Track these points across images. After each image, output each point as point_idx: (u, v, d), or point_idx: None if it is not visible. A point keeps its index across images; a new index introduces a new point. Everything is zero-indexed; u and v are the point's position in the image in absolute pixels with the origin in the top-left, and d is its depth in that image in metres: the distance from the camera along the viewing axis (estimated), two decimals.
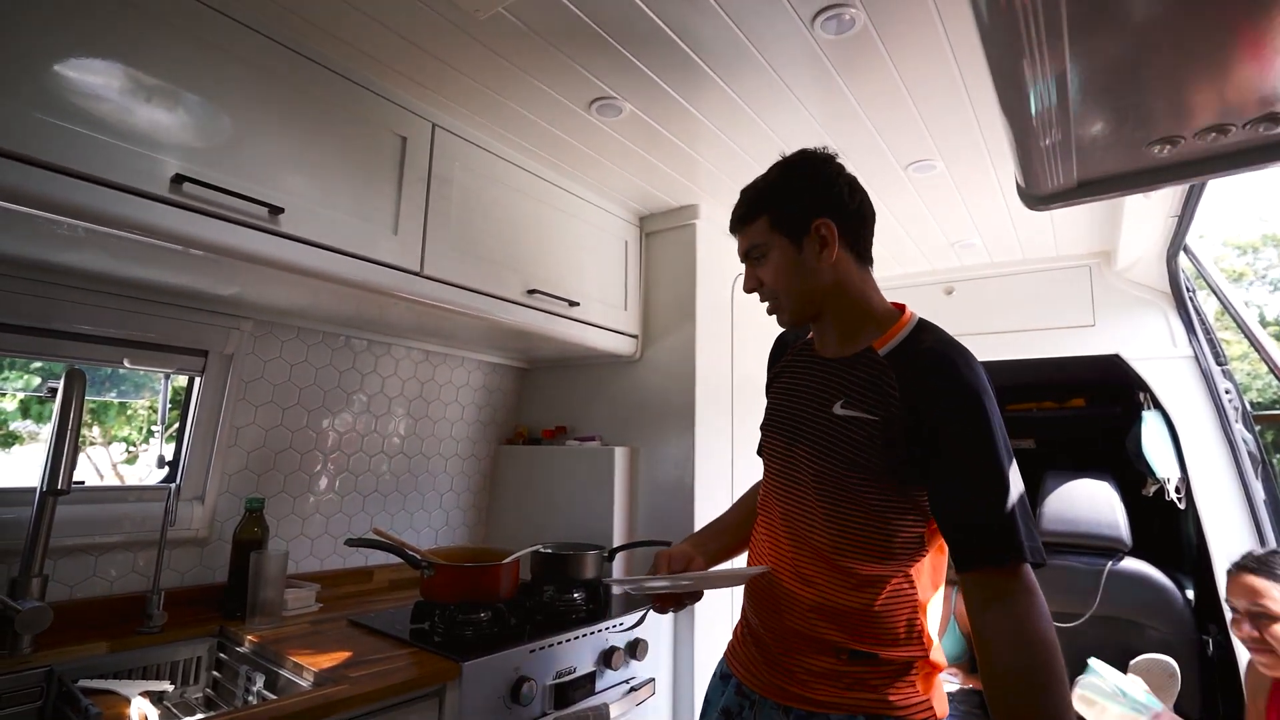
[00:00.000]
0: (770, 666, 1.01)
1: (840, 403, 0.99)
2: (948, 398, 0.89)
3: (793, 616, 1.00)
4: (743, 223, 1.09)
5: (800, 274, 1.03)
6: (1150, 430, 2.12)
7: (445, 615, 1.43)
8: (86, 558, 1.42)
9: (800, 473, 1.02)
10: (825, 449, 0.98)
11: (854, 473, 0.94)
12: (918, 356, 0.95)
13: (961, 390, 0.88)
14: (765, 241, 1.05)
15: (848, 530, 0.95)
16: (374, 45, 1.32)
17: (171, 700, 1.35)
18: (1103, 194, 0.77)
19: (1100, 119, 0.67)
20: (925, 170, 1.75)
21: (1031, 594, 0.82)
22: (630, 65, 1.35)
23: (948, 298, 2.53)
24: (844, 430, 0.97)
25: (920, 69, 1.34)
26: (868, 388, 0.97)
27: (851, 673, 0.94)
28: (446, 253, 1.52)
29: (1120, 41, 0.56)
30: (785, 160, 1.09)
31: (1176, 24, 0.53)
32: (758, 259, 1.07)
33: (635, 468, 2.02)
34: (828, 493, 0.97)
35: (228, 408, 1.62)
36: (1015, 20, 0.52)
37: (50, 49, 0.99)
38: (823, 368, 1.06)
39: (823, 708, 0.94)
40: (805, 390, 1.07)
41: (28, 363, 1.70)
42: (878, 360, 0.98)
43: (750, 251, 1.08)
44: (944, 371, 0.90)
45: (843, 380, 1.01)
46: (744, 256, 1.09)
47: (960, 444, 0.87)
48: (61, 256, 1.24)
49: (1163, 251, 1.98)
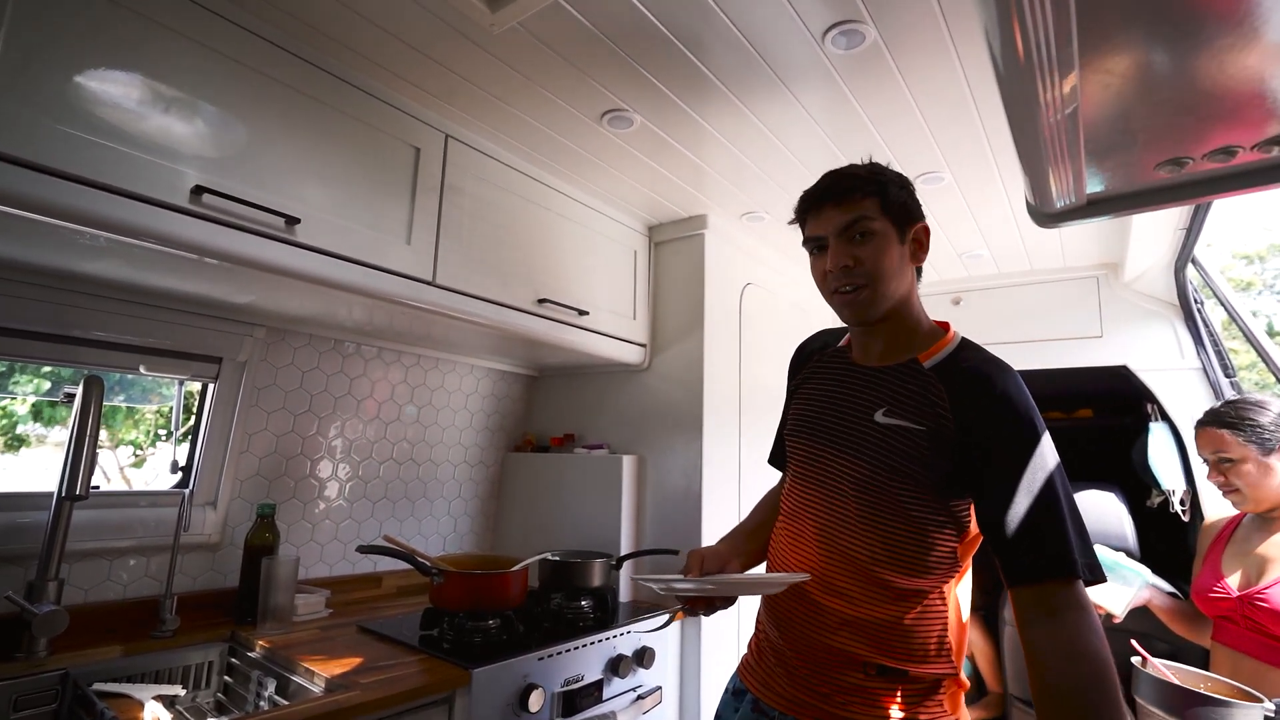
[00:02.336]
0: (793, 682, 0.99)
1: (882, 410, 0.98)
2: (1003, 413, 0.89)
3: (819, 630, 0.97)
4: (848, 194, 0.98)
5: (896, 268, 0.99)
6: (1157, 442, 2.12)
7: (454, 622, 1.44)
8: (101, 562, 1.43)
9: (840, 481, 0.99)
10: (869, 456, 0.96)
11: (897, 481, 0.93)
12: (968, 372, 0.95)
13: (1017, 407, 0.89)
14: (874, 219, 0.97)
15: (888, 541, 0.94)
16: (388, 57, 1.34)
17: (184, 704, 1.36)
18: (1111, 213, 0.78)
19: (1109, 139, 0.68)
20: (933, 182, 1.76)
21: (1086, 610, 0.81)
22: (642, 78, 1.36)
23: (955, 308, 2.54)
24: (887, 438, 0.95)
25: (929, 83, 1.35)
26: (912, 398, 0.96)
27: (879, 689, 0.92)
28: (458, 262, 1.54)
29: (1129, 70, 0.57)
30: (873, 164, 1.03)
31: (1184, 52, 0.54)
32: (859, 236, 0.97)
33: (643, 476, 2.03)
34: (869, 501, 0.95)
35: (240, 414, 1.64)
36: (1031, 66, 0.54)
37: (74, 63, 1.01)
38: (861, 376, 1.04)
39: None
40: (841, 397, 1.05)
41: (38, 367, 1.72)
42: (923, 372, 0.98)
43: (854, 225, 0.97)
44: (1000, 388, 0.91)
45: (885, 389, 1.00)
46: (841, 231, 0.98)
47: (1019, 459, 0.87)
48: (83, 265, 1.26)
49: (1170, 263, 1.98)
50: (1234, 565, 1.51)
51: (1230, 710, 1.17)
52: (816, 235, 1.01)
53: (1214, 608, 1.52)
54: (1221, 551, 1.57)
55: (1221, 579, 1.51)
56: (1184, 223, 1.70)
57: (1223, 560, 1.55)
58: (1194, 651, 1.68)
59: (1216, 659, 1.52)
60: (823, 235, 1.00)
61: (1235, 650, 1.46)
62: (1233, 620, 1.46)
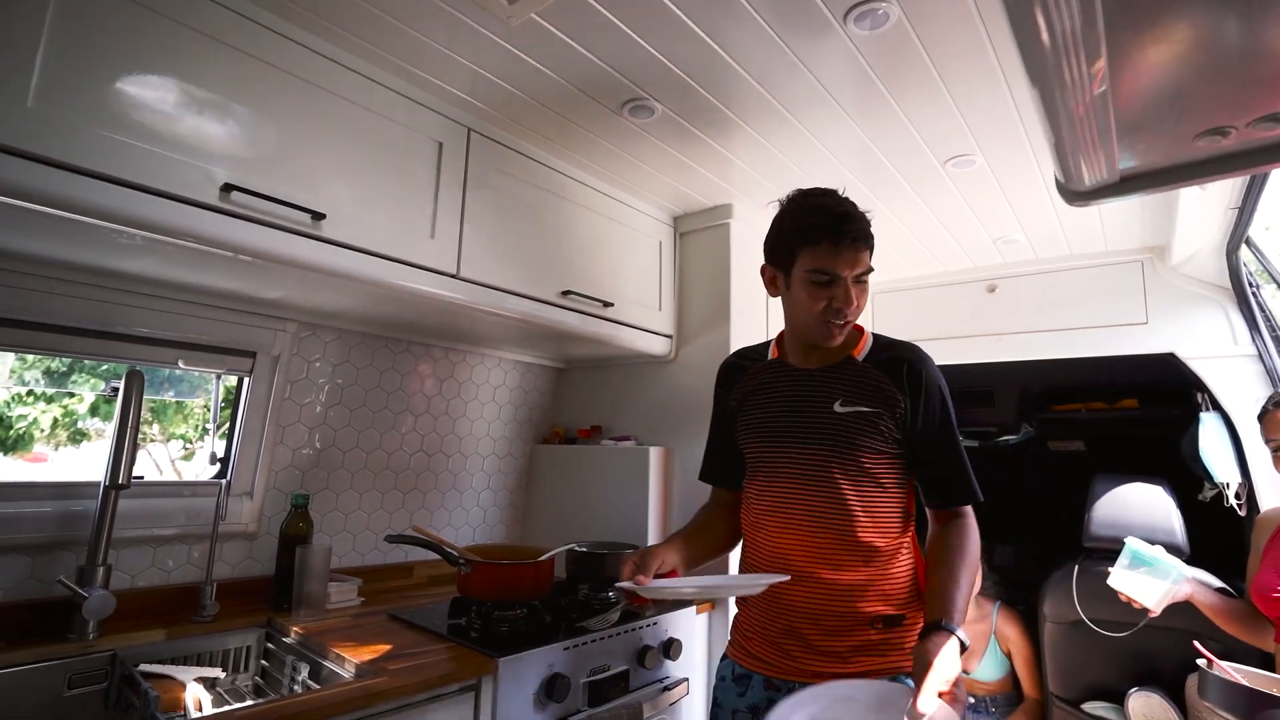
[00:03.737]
0: (809, 652, 1.14)
1: (839, 402, 1.17)
2: (931, 387, 1.16)
3: (828, 600, 1.14)
4: (865, 243, 1.13)
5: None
6: (1209, 432, 2.02)
7: (482, 611, 1.46)
8: (146, 549, 1.49)
9: (818, 468, 1.16)
10: (838, 441, 1.15)
11: (865, 456, 1.14)
12: (899, 359, 1.18)
13: (938, 381, 1.18)
14: (871, 269, 1.15)
15: (870, 508, 1.15)
16: (410, 53, 1.35)
17: (224, 686, 1.41)
18: (1147, 189, 0.74)
19: (1143, 110, 0.64)
20: (965, 165, 1.71)
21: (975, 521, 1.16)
22: (661, 66, 1.35)
23: (990, 295, 2.46)
24: (849, 422, 1.16)
25: (957, 61, 1.31)
26: (860, 386, 1.17)
27: (886, 640, 1.13)
28: (482, 255, 1.55)
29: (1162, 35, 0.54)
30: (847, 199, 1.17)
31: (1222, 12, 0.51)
32: (863, 283, 1.15)
33: (670, 467, 2.02)
34: (852, 478, 1.14)
35: (274, 407, 1.68)
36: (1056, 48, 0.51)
37: (111, 67, 1.05)
38: (809, 377, 1.22)
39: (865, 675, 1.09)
40: (797, 398, 1.21)
41: (96, 365, 1.80)
42: (859, 365, 1.20)
43: (864, 274, 1.14)
44: (925, 367, 1.18)
45: (835, 384, 1.19)
46: (857, 276, 1.13)
47: (942, 421, 1.16)
48: (121, 263, 1.31)
49: (1222, 245, 1.88)
50: None
51: None
52: (832, 273, 1.12)
53: (1277, 609, 1.44)
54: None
55: None
56: (1236, 201, 1.62)
57: None
58: (1248, 654, 1.60)
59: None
60: (841, 275, 1.11)
61: None
62: None
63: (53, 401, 2.51)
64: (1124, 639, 1.90)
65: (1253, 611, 1.55)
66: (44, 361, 1.87)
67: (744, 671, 1.21)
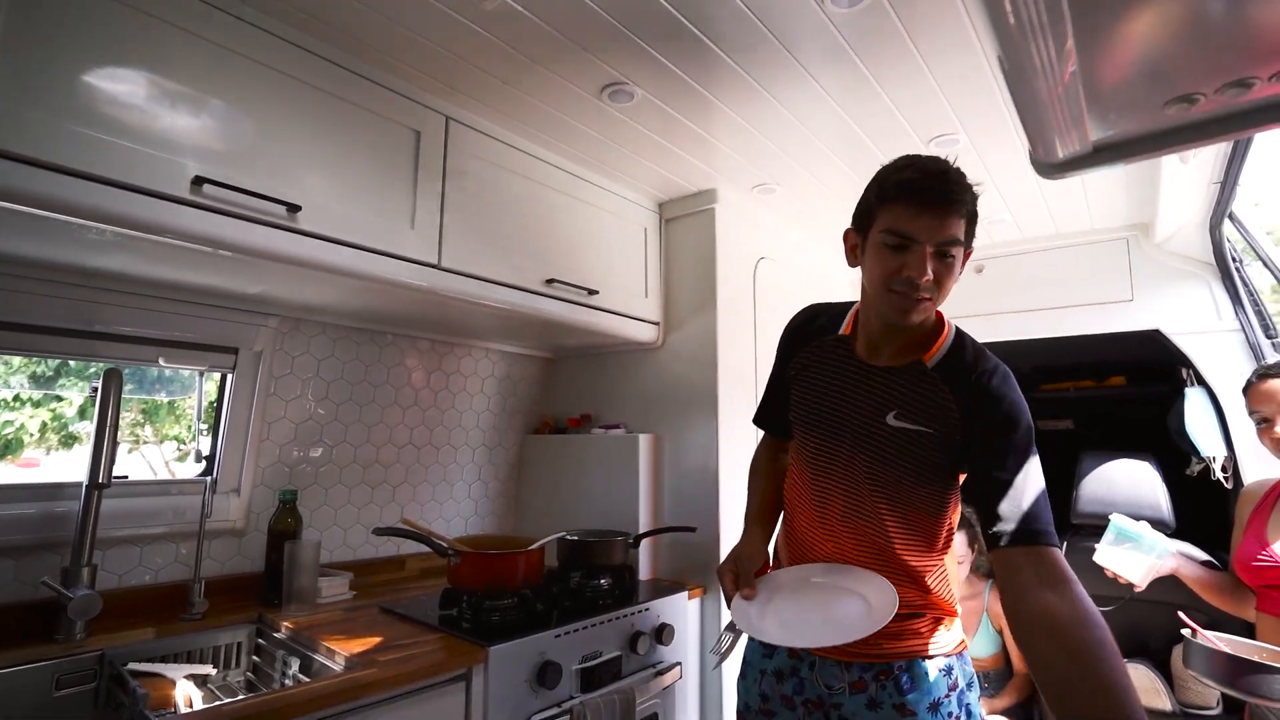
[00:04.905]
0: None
1: (893, 413, 1.06)
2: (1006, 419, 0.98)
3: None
4: (954, 209, 0.94)
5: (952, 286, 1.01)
6: (1194, 407, 2.04)
7: (472, 601, 1.46)
8: (133, 548, 1.48)
9: (859, 477, 1.09)
10: (884, 457, 1.06)
11: (909, 478, 1.05)
12: (968, 373, 1.02)
13: (1014, 411, 0.98)
14: (961, 243, 0.97)
15: (905, 528, 1.07)
16: (384, 41, 1.33)
17: (215, 683, 1.41)
18: (1120, 159, 0.74)
19: (1112, 81, 0.64)
20: (948, 145, 1.70)
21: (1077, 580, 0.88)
22: (638, 49, 1.34)
23: (978, 276, 2.47)
24: (900, 441, 1.05)
25: (937, 39, 1.30)
26: (921, 401, 1.04)
27: (905, 629, 1.08)
28: (464, 245, 1.54)
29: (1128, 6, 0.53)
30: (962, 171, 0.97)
31: None
32: (947, 255, 0.96)
33: (660, 454, 2.02)
34: (888, 496, 1.06)
35: (259, 403, 1.67)
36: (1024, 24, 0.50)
37: (78, 60, 1.03)
38: (870, 376, 1.10)
39: (884, 658, 1.07)
40: (852, 395, 1.11)
41: (83, 367, 1.78)
42: (928, 374, 1.05)
43: (948, 244, 0.95)
44: (997, 391, 1.00)
45: (894, 391, 1.07)
46: (937, 243, 0.94)
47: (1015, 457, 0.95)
48: (97, 261, 1.29)
49: (1205, 221, 1.89)
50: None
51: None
52: (909, 235, 0.95)
53: (1259, 576, 1.46)
54: (1266, 518, 1.51)
55: (1268, 546, 1.45)
56: (1218, 176, 1.62)
57: (1268, 527, 1.49)
58: (1233, 625, 1.62)
59: (1263, 629, 1.46)
60: (917, 240, 0.95)
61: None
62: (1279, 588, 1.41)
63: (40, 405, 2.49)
64: (1111, 612, 1.92)
65: (1235, 582, 1.57)
66: (30, 365, 1.85)
67: None
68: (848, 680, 1.08)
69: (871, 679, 1.07)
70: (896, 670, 1.06)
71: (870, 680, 1.07)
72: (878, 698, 1.06)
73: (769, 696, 1.16)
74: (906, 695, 1.05)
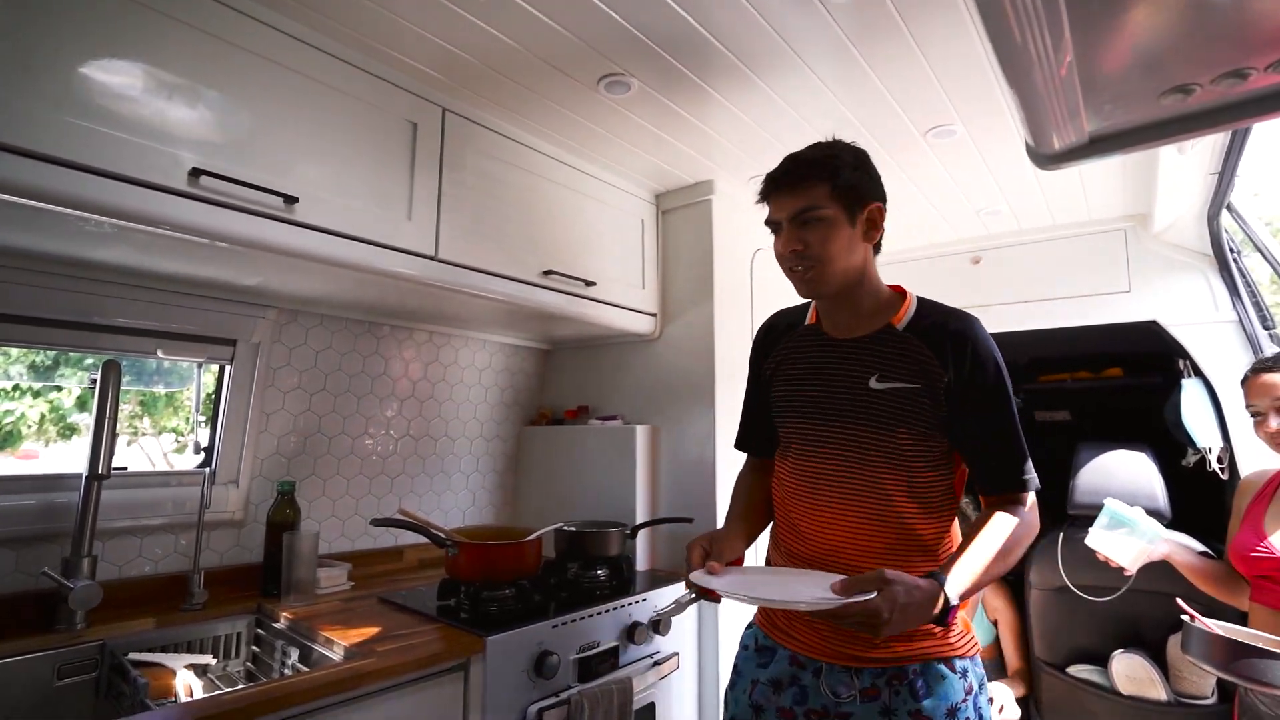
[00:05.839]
0: (838, 635, 1.06)
1: (875, 377, 1.07)
2: (985, 362, 1.04)
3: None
4: (800, 182, 1.06)
5: (846, 249, 1.07)
6: (1190, 399, 2.04)
7: (470, 592, 1.46)
8: (132, 539, 1.49)
9: (858, 451, 1.07)
10: (879, 421, 1.06)
11: (904, 437, 1.05)
12: (943, 327, 1.06)
13: (990, 355, 1.04)
14: (822, 207, 1.05)
15: (914, 493, 1.06)
16: (380, 32, 1.33)
17: (215, 673, 1.42)
18: (1116, 150, 0.74)
19: (1108, 73, 0.64)
20: (945, 136, 1.70)
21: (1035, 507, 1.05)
22: (635, 40, 1.33)
23: (975, 267, 2.46)
24: (889, 402, 1.06)
25: (935, 29, 1.29)
26: (899, 360, 1.06)
27: (920, 627, 0.99)
28: (460, 236, 1.54)
29: None
30: (832, 142, 1.11)
31: None
32: (808, 222, 1.06)
33: (657, 446, 2.03)
34: (885, 457, 1.06)
35: (257, 395, 1.67)
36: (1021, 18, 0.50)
37: (76, 52, 1.02)
38: (841, 348, 1.12)
39: (897, 661, 1.02)
40: (829, 371, 1.13)
41: (81, 358, 1.78)
42: (899, 334, 1.08)
43: (803, 213, 1.05)
44: (974, 339, 1.05)
45: (869, 356, 1.09)
46: (792, 217, 1.07)
47: (994, 399, 1.03)
48: (95, 253, 1.29)
49: (1203, 211, 1.88)
50: (1278, 523, 1.45)
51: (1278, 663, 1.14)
52: (773, 220, 1.11)
53: (1255, 567, 1.46)
54: (1265, 510, 1.51)
55: (1265, 537, 1.45)
56: (1215, 166, 1.61)
57: (1265, 518, 1.49)
58: (1227, 614, 1.63)
59: (1256, 619, 1.47)
60: (778, 220, 1.09)
61: (1277, 610, 1.41)
62: (1275, 580, 1.41)
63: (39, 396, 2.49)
64: (1107, 603, 1.93)
65: (1230, 572, 1.58)
66: (29, 356, 1.85)
67: (769, 643, 1.15)
68: (858, 687, 1.02)
69: (884, 684, 1.02)
70: (911, 674, 1.01)
71: (884, 686, 1.02)
72: (892, 705, 1.00)
73: (763, 708, 1.10)
74: (922, 701, 1.00)
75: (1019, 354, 2.74)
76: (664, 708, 1.66)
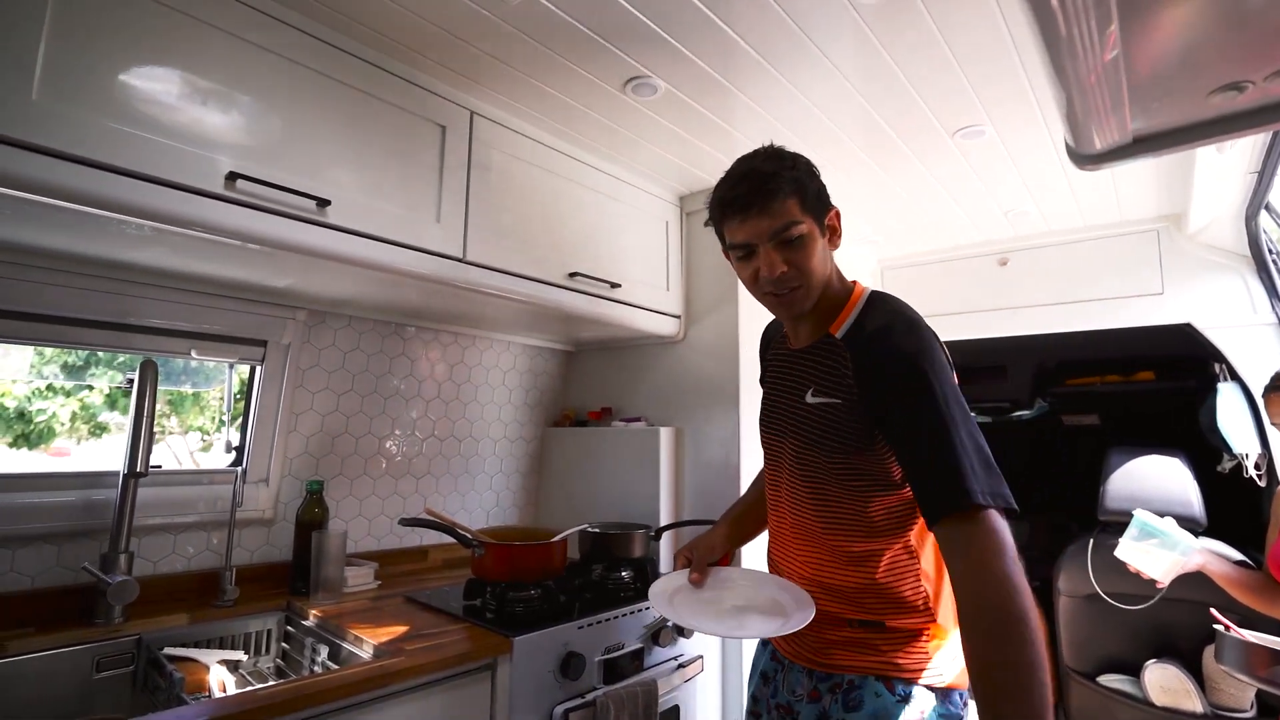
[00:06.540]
0: (795, 638, 1.08)
1: (810, 391, 1.04)
2: (889, 367, 0.94)
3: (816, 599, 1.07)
4: (771, 199, 0.98)
5: (823, 261, 1.04)
6: (1227, 403, 2.00)
7: (496, 592, 1.47)
8: (167, 536, 1.52)
9: (792, 464, 1.07)
10: (807, 438, 1.04)
11: (825, 454, 1.01)
12: (868, 335, 0.99)
13: (899, 357, 0.93)
14: (800, 222, 0.99)
15: (830, 508, 1.02)
16: (411, 37, 1.34)
17: (246, 669, 1.44)
18: (1160, 149, 0.72)
19: (1155, 70, 0.62)
20: (973, 136, 1.68)
21: (992, 535, 0.82)
22: (662, 41, 1.33)
23: (1002, 269, 2.43)
24: (817, 417, 1.02)
25: (964, 27, 1.28)
26: (830, 373, 1.02)
27: (861, 639, 1.01)
28: (487, 238, 1.55)
29: None
30: (780, 150, 1.05)
31: None
32: (789, 241, 0.99)
33: (680, 448, 2.03)
34: (809, 475, 1.04)
35: (286, 395, 1.70)
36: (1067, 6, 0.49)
37: (114, 59, 1.05)
38: (794, 360, 1.11)
39: (839, 669, 1.02)
40: (785, 384, 1.13)
41: (112, 358, 1.82)
42: (835, 344, 1.03)
43: (781, 232, 0.98)
44: (883, 343, 0.96)
45: (810, 369, 1.06)
46: (770, 237, 0.99)
47: (904, 406, 0.91)
48: (131, 255, 1.32)
49: (1241, 211, 1.84)
50: None
51: None
52: (745, 244, 1.01)
53: None
54: None
55: None
56: (1255, 165, 1.58)
57: None
58: (1265, 625, 1.58)
59: None
60: (752, 243, 1.01)
61: None
62: None
63: (70, 395, 2.55)
64: (1140, 612, 1.90)
65: (1269, 582, 1.53)
66: (61, 356, 1.90)
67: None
68: (807, 689, 1.05)
69: (826, 690, 1.02)
70: (846, 685, 1.00)
71: (825, 692, 1.02)
72: (829, 711, 1.01)
73: (757, 699, 1.17)
74: (848, 713, 0.98)
75: (1047, 356, 2.70)
76: (688, 710, 1.66)
